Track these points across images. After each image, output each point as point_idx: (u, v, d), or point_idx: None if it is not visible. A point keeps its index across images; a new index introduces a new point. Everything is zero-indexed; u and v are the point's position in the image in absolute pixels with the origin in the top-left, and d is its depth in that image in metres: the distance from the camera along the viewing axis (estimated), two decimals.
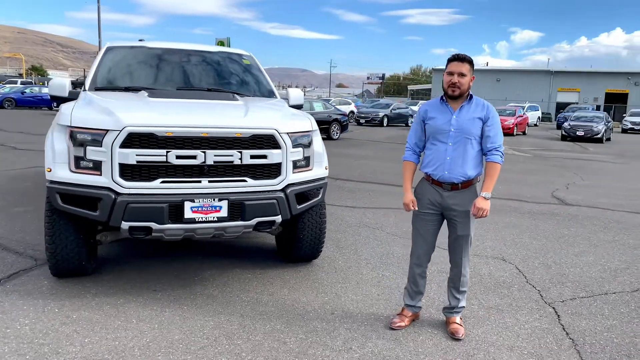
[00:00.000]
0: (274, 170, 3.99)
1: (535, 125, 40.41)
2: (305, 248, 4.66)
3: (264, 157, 3.92)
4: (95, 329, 3.41)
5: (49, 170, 3.78)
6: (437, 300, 4.09)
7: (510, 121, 26.71)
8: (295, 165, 4.14)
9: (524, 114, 30.40)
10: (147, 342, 3.26)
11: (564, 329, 3.70)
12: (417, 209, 3.52)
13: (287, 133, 4.03)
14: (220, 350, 3.19)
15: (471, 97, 3.40)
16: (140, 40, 5.57)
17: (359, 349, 3.28)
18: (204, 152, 3.73)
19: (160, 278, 4.35)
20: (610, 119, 28.41)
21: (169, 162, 3.67)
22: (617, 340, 3.55)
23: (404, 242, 5.70)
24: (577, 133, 24.96)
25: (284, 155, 3.99)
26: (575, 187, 10.30)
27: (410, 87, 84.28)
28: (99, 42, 35.00)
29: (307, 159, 4.27)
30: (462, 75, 3.31)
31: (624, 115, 41.61)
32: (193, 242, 5.25)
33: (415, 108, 37.01)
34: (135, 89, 4.71)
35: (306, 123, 4.32)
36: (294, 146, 4.09)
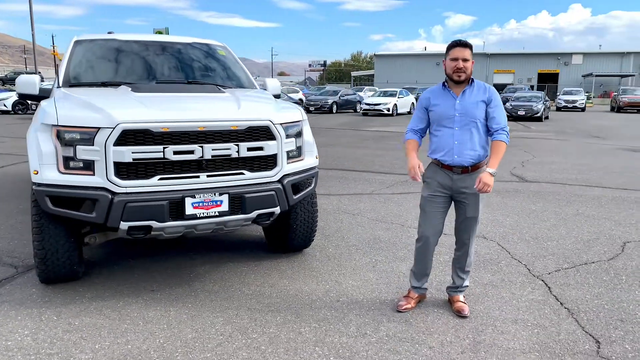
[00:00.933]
0: (270, 162, 3.96)
1: None
2: (298, 238, 4.67)
3: (261, 148, 3.88)
4: (102, 334, 3.30)
5: (35, 172, 3.59)
6: (434, 281, 4.20)
7: None
8: (289, 156, 4.12)
9: None
10: (161, 343, 3.19)
11: (557, 299, 3.91)
12: (423, 171, 3.54)
13: (281, 124, 4.00)
14: (238, 346, 3.17)
15: (472, 81, 3.48)
16: (109, 32, 5.34)
17: (374, 333, 3.34)
18: (202, 147, 3.66)
19: (154, 277, 4.25)
20: (547, 98, 29.77)
21: (167, 159, 3.57)
22: (607, 307, 3.78)
23: (386, 227, 5.81)
24: (519, 112, 26.00)
25: (279, 146, 3.97)
26: (529, 164, 10.76)
27: (353, 74, 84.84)
28: (32, 35, 33.15)
29: (299, 149, 4.27)
30: (465, 60, 3.39)
31: (558, 94, 43.68)
32: (180, 239, 5.14)
33: (362, 94, 37.41)
34: (114, 84, 4.53)
35: (297, 113, 4.30)
36: (287, 137, 4.07)
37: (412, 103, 31.46)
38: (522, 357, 3.07)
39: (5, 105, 25.54)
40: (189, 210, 3.63)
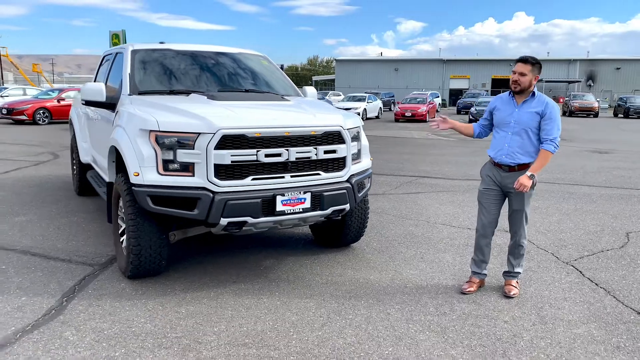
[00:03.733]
0: (341, 163, 4.39)
1: (437, 111, 43.10)
2: (351, 233, 5.11)
3: (334, 151, 4.31)
4: (213, 319, 3.64)
5: (136, 174, 3.90)
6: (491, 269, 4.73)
7: (423, 109, 28.47)
8: (352, 158, 4.57)
9: (432, 101, 32.45)
10: (271, 325, 3.57)
11: (591, 281, 4.50)
12: (443, 122, 4.25)
13: (348, 129, 4.44)
14: (341, 325, 3.58)
15: (534, 93, 4.01)
16: (161, 42, 5.62)
17: (452, 312, 3.83)
18: (287, 150, 4.05)
19: (228, 271, 4.59)
20: None
21: (259, 161, 3.95)
22: (635, 286, 4.40)
23: (414, 223, 6.32)
24: None
25: (348, 149, 4.41)
26: None
27: (315, 78, 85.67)
28: None
29: (359, 152, 4.72)
30: (522, 74, 3.92)
31: None
32: (229, 237, 5.49)
33: (327, 98, 37.98)
34: (181, 92, 4.85)
35: (357, 119, 4.76)
36: (352, 140, 4.51)
37: (380, 108, 32.33)
38: (583, 327, 3.62)
39: None
40: (279, 207, 4.02)
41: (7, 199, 7.18)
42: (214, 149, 3.82)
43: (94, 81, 6.38)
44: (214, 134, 3.82)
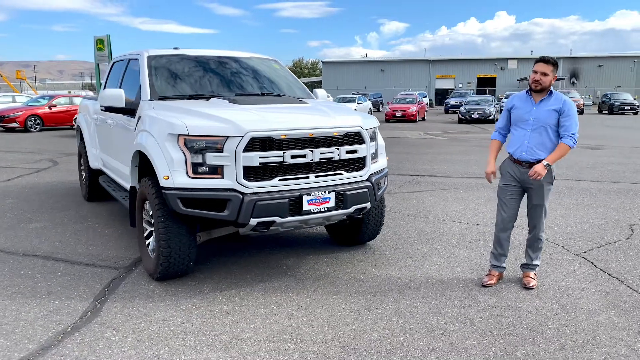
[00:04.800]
0: (361, 163, 4.51)
1: (426, 111, 43.46)
2: (369, 231, 5.24)
3: (355, 152, 4.43)
4: (247, 316, 3.74)
5: (166, 177, 3.99)
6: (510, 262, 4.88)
7: (413, 108, 28.75)
8: (371, 158, 4.69)
9: (422, 100, 32.75)
10: (305, 320, 3.68)
11: (604, 272, 4.67)
12: (495, 178, 4.32)
13: (367, 129, 4.57)
14: (373, 319, 3.70)
15: (551, 92, 4.17)
16: (175, 48, 5.70)
17: (476, 304, 3.97)
18: (312, 151, 4.17)
19: (253, 271, 4.68)
20: (497, 101, 31.60)
21: (285, 162, 4.06)
22: None
23: (425, 221, 6.46)
24: (473, 116, 27.53)
25: (367, 149, 4.53)
26: None
27: (302, 80, 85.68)
28: None
29: (376, 151, 4.85)
30: (544, 74, 4.07)
31: (500, 97, 46.18)
32: (247, 238, 5.58)
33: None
34: (201, 97, 4.94)
35: (374, 120, 4.89)
36: (370, 140, 4.64)
37: (370, 109, 32.54)
38: (604, 314, 3.78)
39: None
40: (305, 206, 4.13)
41: (17, 206, 7.20)
42: (243, 152, 3.92)
43: (103, 88, 6.43)
44: (243, 136, 3.92)
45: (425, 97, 46.47)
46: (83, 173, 7.65)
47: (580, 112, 37.95)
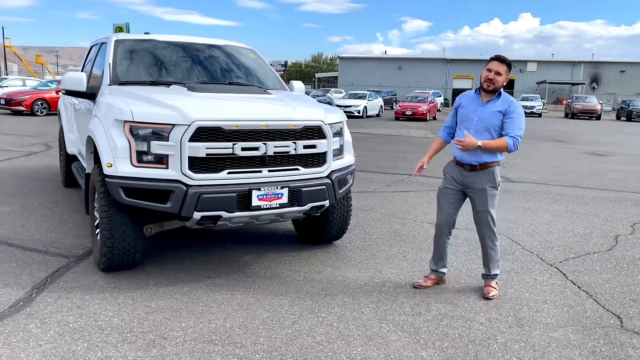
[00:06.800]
0: (321, 159, 4.31)
1: (439, 110, 42.97)
2: (333, 230, 5.03)
3: (314, 146, 4.23)
4: (182, 314, 3.57)
5: (109, 165, 3.83)
6: (468, 268, 4.66)
7: (424, 107, 28.35)
8: (334, 154, 4.48)
9: (434, 100, 32.33)
10: (241, 322, 3.50)
11: (574, 284, 4.42)
12: (421, 173, 4.24)
13: (329, 124, 4.36)
14: (313, 323, 3.51)
15: (500, 93, 3.92)
16: (146, 33, 5.55)
17: (427, 312, 3.75)
18: (265, 144, 3.98)
19: (205, 266, 4.52)
20: None
21: (235, 154, 3.88)
22: (618, 290, 4.32)
23: (401, 222, 6.24)
24: None
25: (329, 144, 4.32)
26: (509, 165, 11.44)
27: (318, 75, 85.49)
28: None
29: (341, 147, 4.64)
30: (498, 74, 3.84)
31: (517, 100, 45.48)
32: (209, 231, 5.42)
33: (329, 95, 37.88)
34: (162, 83, 4.77)
35: (339, 115, 4.68)
36: (334, 136, 4.43)
37: (381, 106, 32.21)
38: (560, 330, 3.54)
39: None
40: (254, 202, 3.95)
41: None
42: (189, 141, 3.75)
43: (81, 71, 6.30)
44: (189, 125, 3.75)
45: (440, 96, 45.89)
46: (62, 158, 7.55)
47: (598, 117, 37.22)
